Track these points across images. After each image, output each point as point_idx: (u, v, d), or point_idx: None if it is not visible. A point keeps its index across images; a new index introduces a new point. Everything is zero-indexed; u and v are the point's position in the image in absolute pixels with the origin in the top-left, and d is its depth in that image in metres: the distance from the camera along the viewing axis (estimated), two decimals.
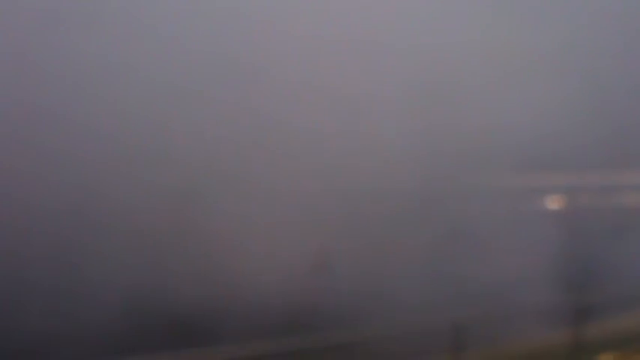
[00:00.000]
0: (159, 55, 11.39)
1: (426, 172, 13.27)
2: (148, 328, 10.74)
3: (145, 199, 11.36)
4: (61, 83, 11.35)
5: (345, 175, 12.47)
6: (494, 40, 13.76)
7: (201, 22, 11.75)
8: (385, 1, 13.26)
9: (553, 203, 17.88)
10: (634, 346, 12.28)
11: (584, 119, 14.40)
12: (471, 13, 14.22)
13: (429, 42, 13.36)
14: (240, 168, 11.84)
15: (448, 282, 13.05)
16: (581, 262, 15.47)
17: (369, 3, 13.04)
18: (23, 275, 10.88)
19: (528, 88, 14.19)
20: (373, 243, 12.71)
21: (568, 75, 14.56)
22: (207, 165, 11.75)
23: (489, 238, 14.00)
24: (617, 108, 16.15)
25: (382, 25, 12.77)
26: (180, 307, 11.05)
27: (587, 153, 16.13)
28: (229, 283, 11.22)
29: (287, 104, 12.03)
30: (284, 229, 11.80)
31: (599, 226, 17.07)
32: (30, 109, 11.36)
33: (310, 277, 12.16)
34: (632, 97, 16.07)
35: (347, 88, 12.38)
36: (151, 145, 11.54)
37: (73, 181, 11.43)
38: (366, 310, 11.58)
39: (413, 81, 13.07)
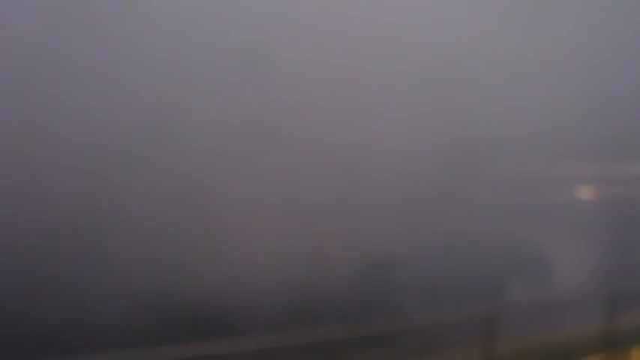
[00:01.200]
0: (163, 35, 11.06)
1: (446, 157, 12.93)
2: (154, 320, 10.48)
3: (153, 188, 11.07)
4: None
5: (363, 159, 12.12)
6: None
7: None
8: None
9: (585, 192, 17.54)
10: None
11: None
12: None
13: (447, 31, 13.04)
14: (248, 151, 11.48)
15: (478, 271, 12.73)
16: (615, 251, 15.19)
17: None
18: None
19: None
20: (392, 228, 12.36)
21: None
22: (214, 150, 11.42)
23: (519, 228, 13.70)
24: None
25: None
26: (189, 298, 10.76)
27: (621, 143, 15.84)
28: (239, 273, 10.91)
29: (299, 83, 11.68)
30: (301, 213, 11.45)
31: (634, 215, 16.79)
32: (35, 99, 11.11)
33: (335, 266, 11.82)
34: None
35: (364, 67, 12.04)
36: (155, 134, 11.23)
37: (81, 173, 11.18)
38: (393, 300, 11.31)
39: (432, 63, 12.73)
